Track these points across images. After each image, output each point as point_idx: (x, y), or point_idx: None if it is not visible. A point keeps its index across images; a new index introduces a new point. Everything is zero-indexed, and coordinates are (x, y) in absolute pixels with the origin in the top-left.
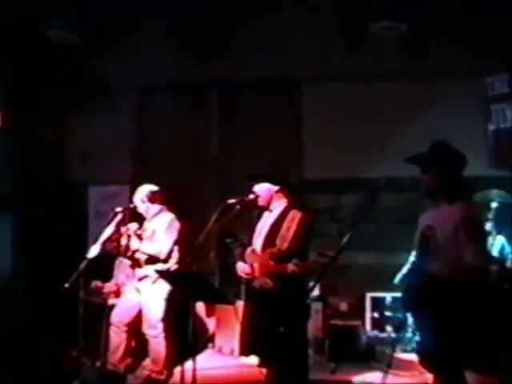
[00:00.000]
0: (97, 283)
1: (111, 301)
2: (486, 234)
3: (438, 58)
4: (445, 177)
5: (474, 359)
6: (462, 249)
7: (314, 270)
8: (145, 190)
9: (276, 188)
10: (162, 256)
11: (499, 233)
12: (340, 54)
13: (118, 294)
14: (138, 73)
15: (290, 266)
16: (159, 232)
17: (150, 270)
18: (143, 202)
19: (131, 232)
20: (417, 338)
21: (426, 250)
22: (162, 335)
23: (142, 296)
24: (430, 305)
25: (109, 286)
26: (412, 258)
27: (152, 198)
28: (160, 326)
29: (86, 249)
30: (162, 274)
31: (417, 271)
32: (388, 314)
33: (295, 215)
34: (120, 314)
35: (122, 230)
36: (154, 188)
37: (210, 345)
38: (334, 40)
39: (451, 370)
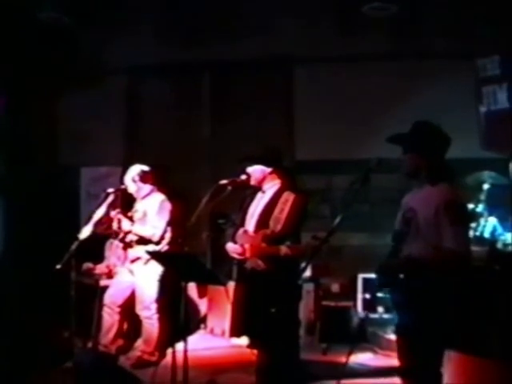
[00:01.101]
0: (88, 265)
1: (103, 282)
2: (469, 217)
3: (428, 39)
4: (424, 157)
5: (462, 341)
6: (443, 232)
7: (307, 253)
8: (136, 169)
9: (269, 169)
10: (156, 239)
11: (491, 214)
12: (331, 36)
13: (109, 275)
14: (131, 55)
15: (283, 249)
16: (151, 214)
17: (141, 251)
18: (135, 181)
19: (121, 216)
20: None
21: (407, 232)
22: (156, 316)
23: (135, 277)
24: (407, 285)
25: (100, 268)
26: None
27: (143, 177)
28: (154, 307)
29: (77, 230)
30: (154, 255)
31: (395, 252)
32: (380, 295)
33: (288, 197)
34: (113, 295)
35: (112, 214)
36: (146, 168)
37: (201, 326)
38: (326, 22)
39: (428, 351)
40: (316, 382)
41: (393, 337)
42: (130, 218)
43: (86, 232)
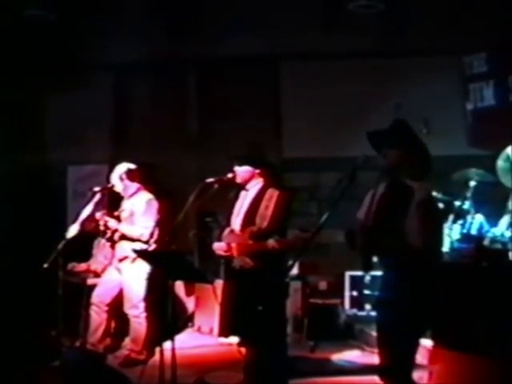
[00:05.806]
0: (74, 264)
1: (90, 281)
2: (439, 215)
3: (415, 37)
4: (405, 153)
5: (450, 337)
6: (411, 229)
7: (295, 246)
8: (123, 167)
9: (258, 170)
10: (144, 239)
11: (477, 211)
12: (318, 33)
13: (96, 274)
14: (117, 51)
15: (271, 242)
16: (138, 214)
17: (128, 249)
18: (122, 179)
19: (107, 218)
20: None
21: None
22: (144, 315)
23: (123, 276)
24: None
25: (83, 266)
26: None
27: (130, 175)
28: (142, 305)
29: (64, 229)
30: (141, 254)
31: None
32: (367, 292)
33: (272, 194)
34: (101, 294)
35: (97, 215)
36: (132, 166)
37: (189, 324)
38: (312, 19)
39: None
40: (303, 380)
41: None
42: (117, 218)
43: (72, 231)
